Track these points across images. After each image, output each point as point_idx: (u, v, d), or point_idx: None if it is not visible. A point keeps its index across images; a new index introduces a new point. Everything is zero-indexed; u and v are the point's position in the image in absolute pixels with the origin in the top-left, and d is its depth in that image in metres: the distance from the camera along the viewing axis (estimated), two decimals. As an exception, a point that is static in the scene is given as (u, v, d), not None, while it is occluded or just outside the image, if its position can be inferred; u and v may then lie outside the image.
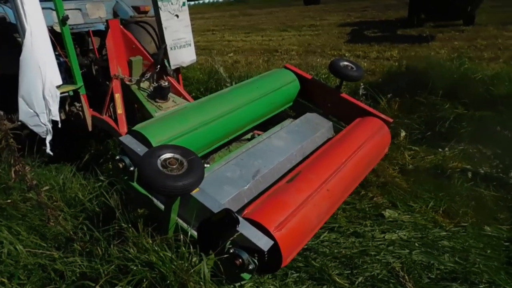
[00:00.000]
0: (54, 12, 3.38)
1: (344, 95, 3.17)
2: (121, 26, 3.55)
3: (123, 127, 3.04)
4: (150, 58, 3.54)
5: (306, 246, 2.25)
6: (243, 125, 2.79)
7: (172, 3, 3.27)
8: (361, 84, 4.19)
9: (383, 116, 2.98)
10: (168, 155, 1.76)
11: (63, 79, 2.95)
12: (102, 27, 4.09)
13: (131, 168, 2.05)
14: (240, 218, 1.72)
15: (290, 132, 2.87)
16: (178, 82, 3.71)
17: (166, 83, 3.24)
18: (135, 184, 2.14)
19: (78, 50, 3.76)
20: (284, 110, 3.29)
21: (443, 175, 2.81)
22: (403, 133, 3.32)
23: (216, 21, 23.01)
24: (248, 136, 2.97)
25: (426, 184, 2.74)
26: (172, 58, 3.43)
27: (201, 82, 5.74)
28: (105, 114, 3.34)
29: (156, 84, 3.31)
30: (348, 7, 21.64)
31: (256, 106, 2.84)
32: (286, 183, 2.11)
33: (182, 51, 3.47)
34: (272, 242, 1.67)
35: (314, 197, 2.00)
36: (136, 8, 4.28)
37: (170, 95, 3.37)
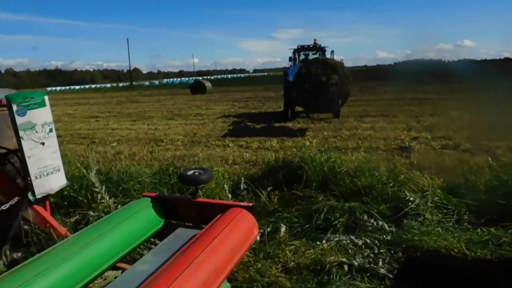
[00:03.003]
0: None
1: (200, 199, 3.25)
2: None
3: None
4: (11, 183, 3.28)
5: None
6: (101, 264, 2.63)
7: (36, 131, 3.02)
8: (242, 178, 4.28)
9: (243, 203, 3.09)
10: None
11: None
12: None
13: None
14: None
15: (156, 253, 2.77)
16: (45, 209, 3.36)
17: (19, 254, 3.17)
18: None
19: None
20: (155, 235, 3.23)
21: (323, 270, 2.86)
22: (283, 228, 3.38)
23: (102, 107, 22.40)
24: (115, 272, 2.79)
25: (308, 282, 2.75)
26: (38, 187, 3.10)
27: (75, 178, 5.24)
28: None
29: (9, 259, 3.16)
30: (232, 97, 23.36)
31: (115, 241, 2.76)
32: None
33: (50, 178, 3.19)
34: None
35: None
36: None
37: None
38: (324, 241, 3.25)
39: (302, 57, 14.39)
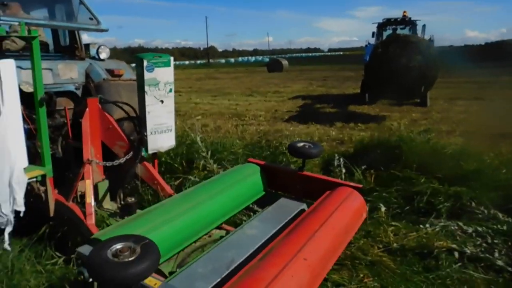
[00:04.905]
0: (22, 71, 3.24)
1: (308, 173, 3.15)
2: (99, 105, 3.40)
3: (91, 219, 2.71)
4: (126, 139, 3.44)
5: None
6: (210, 222, 2.72)
7: (159, 89, 3.22)
8: (336, 155, 4.19)
9: (352, 184, 2.98)
10: (119, 245, 1.62)
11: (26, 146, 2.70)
12: (72, 88, 3.94)
13: (90, 280, 1.80)
14: None
15: (263, 220, 2.81)
16: (154, 166, 3.55)
17: (133, 199, 3.18)
18: None
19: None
20: (256, 202, 3.27)
21: (430, 255, 2.72)
22: (383, 208, 3.26)
23: (183, 83, 23.45)
24: (219, 231, 2.88)
25: (414, 265, 2.63)
26: (151, 143, 3.34)
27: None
28: (72, 201, 3.04)
29: (123, 203, 3.24)
30: (310, 75, 22.95)
31: (223, 202, 2.84)
32: (258, 261, 1.95)
33: (163, 136, 3.38)
34: None
35: (290, 268, 1.85)
36: (110, 71, 4.20)
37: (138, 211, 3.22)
38: (427, 225, 3.08)
39: (389, 32, 13.31)
